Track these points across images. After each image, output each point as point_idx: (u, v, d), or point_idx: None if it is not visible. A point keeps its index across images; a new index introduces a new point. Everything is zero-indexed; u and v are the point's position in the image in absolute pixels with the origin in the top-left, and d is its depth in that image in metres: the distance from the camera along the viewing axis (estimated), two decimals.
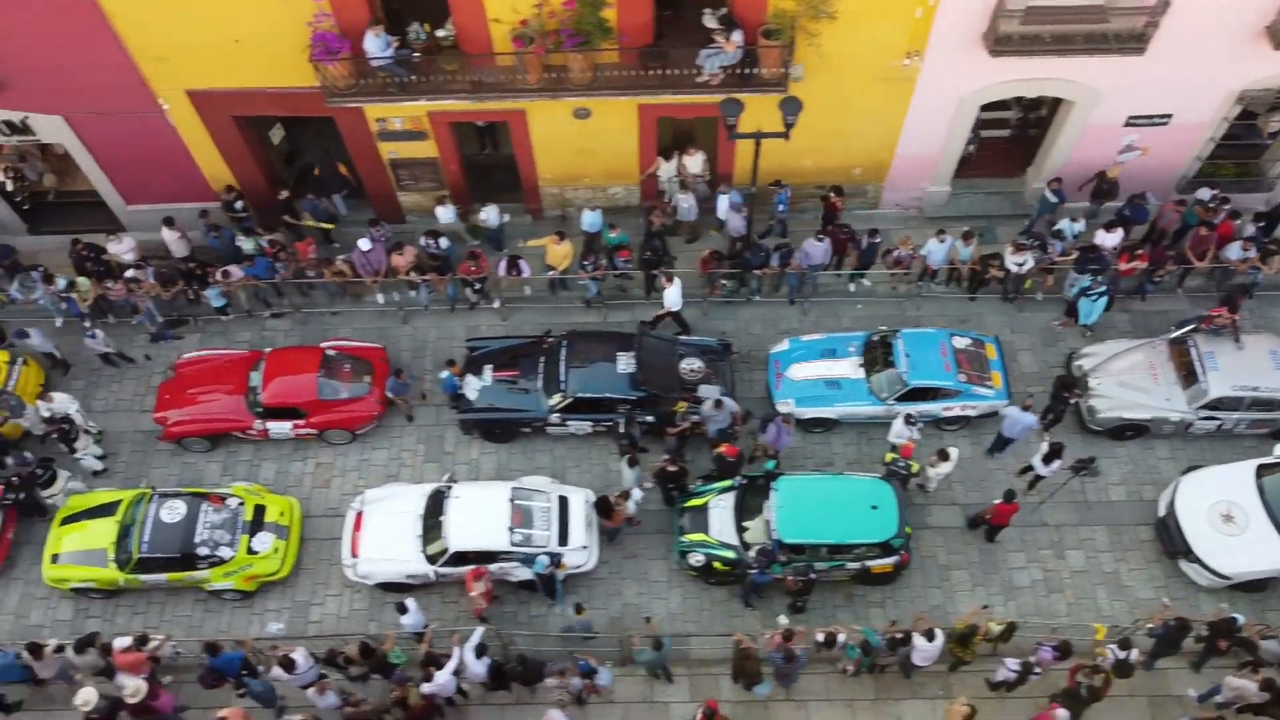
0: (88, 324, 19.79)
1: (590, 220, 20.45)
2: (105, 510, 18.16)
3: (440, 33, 17.63)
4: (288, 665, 15.83)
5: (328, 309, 21.14)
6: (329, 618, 18.12)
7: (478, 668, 15.94)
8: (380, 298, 21.02)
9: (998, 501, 17.36)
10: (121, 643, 16.21)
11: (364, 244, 19.76)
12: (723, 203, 20.44)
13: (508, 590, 17.99)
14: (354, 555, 17.81)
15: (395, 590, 17.97)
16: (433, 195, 21.12)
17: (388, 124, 19.16)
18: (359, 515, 18.16)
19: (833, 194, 20.24)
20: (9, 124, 19.08)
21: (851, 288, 20.99)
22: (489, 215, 20.51)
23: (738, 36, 16.93)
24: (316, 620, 18.10)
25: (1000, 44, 17.16)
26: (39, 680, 16.82)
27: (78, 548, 17.91)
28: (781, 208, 20.68)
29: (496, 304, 20.87)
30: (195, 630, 17.87)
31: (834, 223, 20.31)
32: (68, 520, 18.28)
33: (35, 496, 18.44)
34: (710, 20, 17.11)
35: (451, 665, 15.67)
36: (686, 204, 20.56)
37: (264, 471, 19.42)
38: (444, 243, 20.20)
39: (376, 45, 17.05)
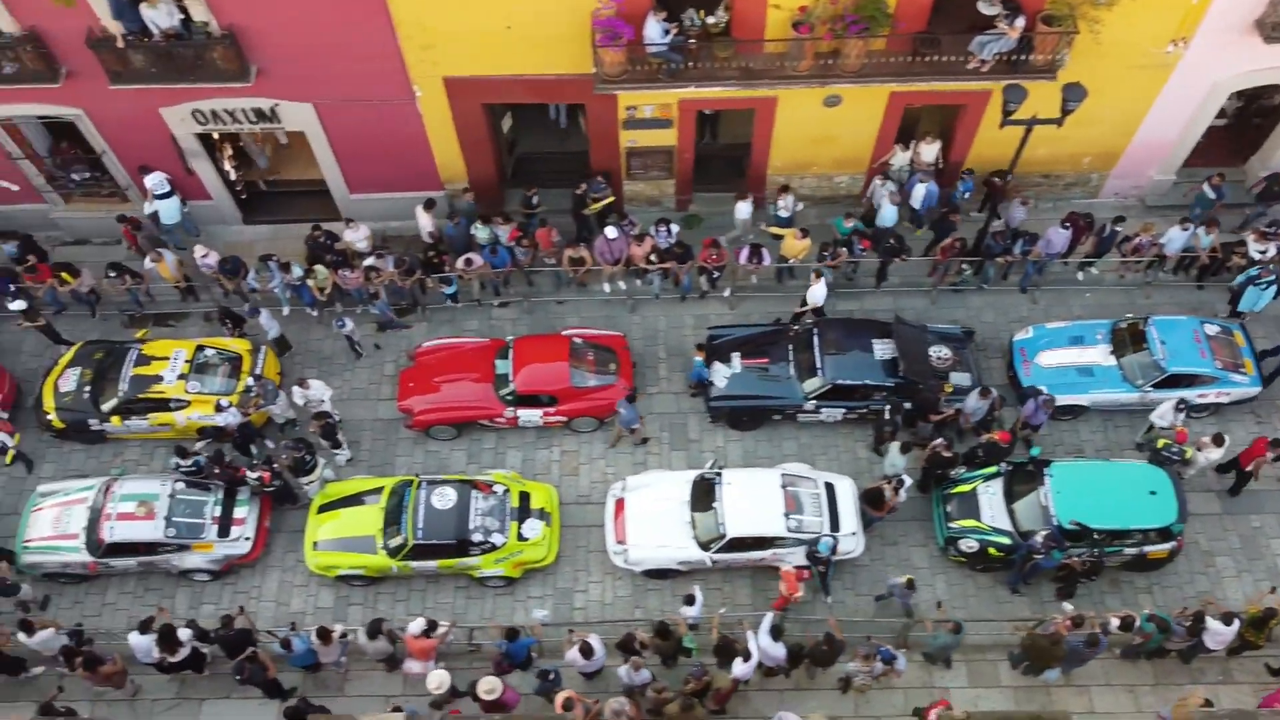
0: (340, 311, 20.02)
1: (743, 211, 20.63)
2: (366, 497, 18.18)
3: (711, 19, 17.62)
4: (587, 651, 15.82)
5: (554, 298, 21.14)
6: (593, 604, 18.11)
7: (776, 650, 15.94)
8: (607, 286, 21.01)
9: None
10: (416, 627, 16.19)
11: (611, 232, 19.76)
12: (919, 191, 20.46)
13: (771, 577, 17.99)
14: (620, 542, 17.82)
15: (657, 577, 18.01)
16: (655, 184, 21.17)
17: (637, 111, 19.16)
18: (620, 502, 18.17)
19: (996, 178, 20.12)
20: (259, 112, 19.06)
21: (1080, 276, 21.00)
22: (742, 210, 20.64)
23: (1021, 22, 16.94)
24: (580, 607, 18.08)
25: (1278, 30, 17.19)
26: (316, 666, 16.89)
27: (341, 535, 17.92)
28: (967, 196, 20.75)
29: (727, 293, 20.86)
30: (459, 618, 17.84)
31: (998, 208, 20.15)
32: (325, 508, 18.32)
33: (291, 484, 18.44)
34: (989, 6, 17.11)
35: (755, 648, 15.67)
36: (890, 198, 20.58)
37: (509, 459, 19.40)
38: (674, 229, 20.23)
39: (657, 31, 17.05)
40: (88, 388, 19.28)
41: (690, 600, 16.53)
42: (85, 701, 17.02)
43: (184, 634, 16.35)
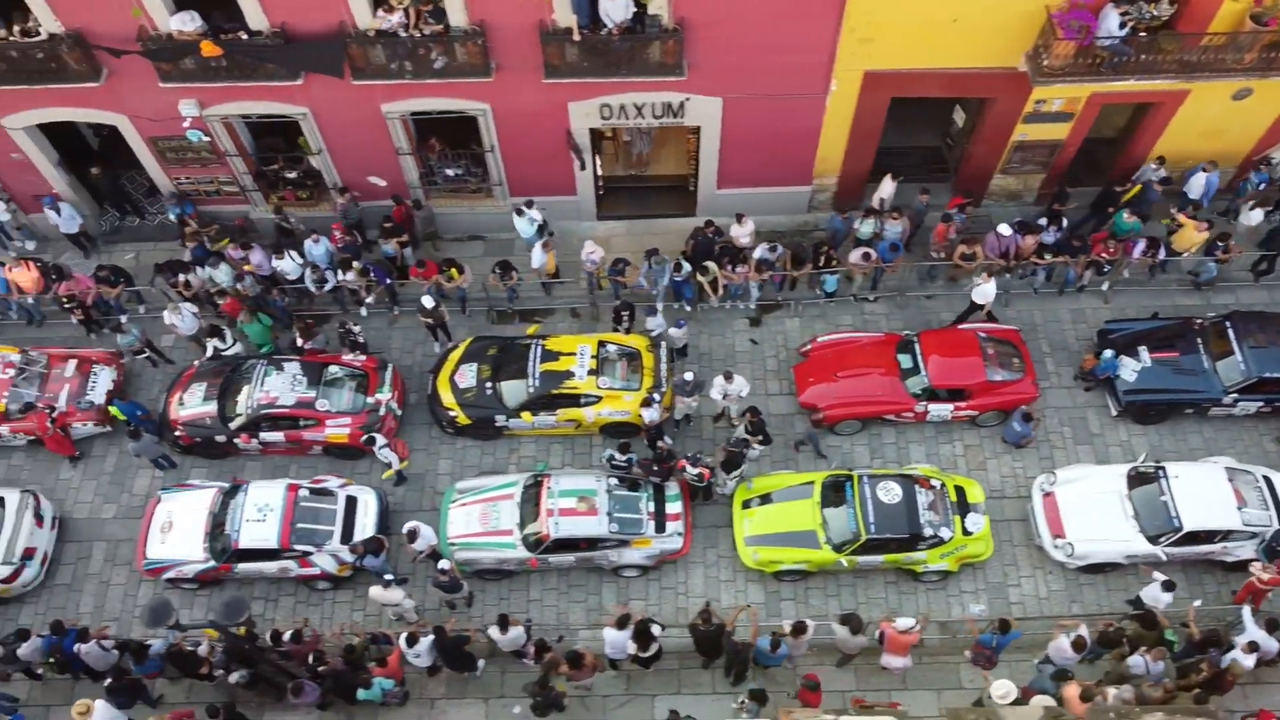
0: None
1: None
2: (794, 492, 18.12)
3: (1156, 11, 17.59)
4: (1079, 645, 15.77)
5: (923, 293, 21.10)
6: (1028, 599, 18.05)
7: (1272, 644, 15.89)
8: (978, 281, 20.96)
9: None
10: (905, 623, 16.11)
11: (1004, 229, 19.73)
12: (1198, 180, 20.27)
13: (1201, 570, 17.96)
14: (1057, 536, 17.77)
15: (1090, 571, 17.96)
16: (1022, 178, 21.15)
17: (1045, 105, 19.11)
18: (1049, 496, 18.12)
19: None
20: (667, 106, 19.01)
21: None
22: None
23: None
24: (1017, 602, 18.01)
25: None
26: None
27: (777, 529, 17.86)
28: (1263, 186, 20.66)
29: (1105, 286, 20.81)
30: (894, 611, 17.75)
31: None
32: (748, 504, 18.27)
33: (716, 480, 18.35)
34: None
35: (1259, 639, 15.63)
36: None
37: (912, 454, 19.35)
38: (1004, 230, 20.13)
39: (1114, 23, 17.02)
40: (488, 384, 19.22)
41: (1170, 585, 16.41)
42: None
43: (655, 629, 16.30)
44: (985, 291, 19.58)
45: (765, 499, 18.24)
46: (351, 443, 18.99)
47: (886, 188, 20.48)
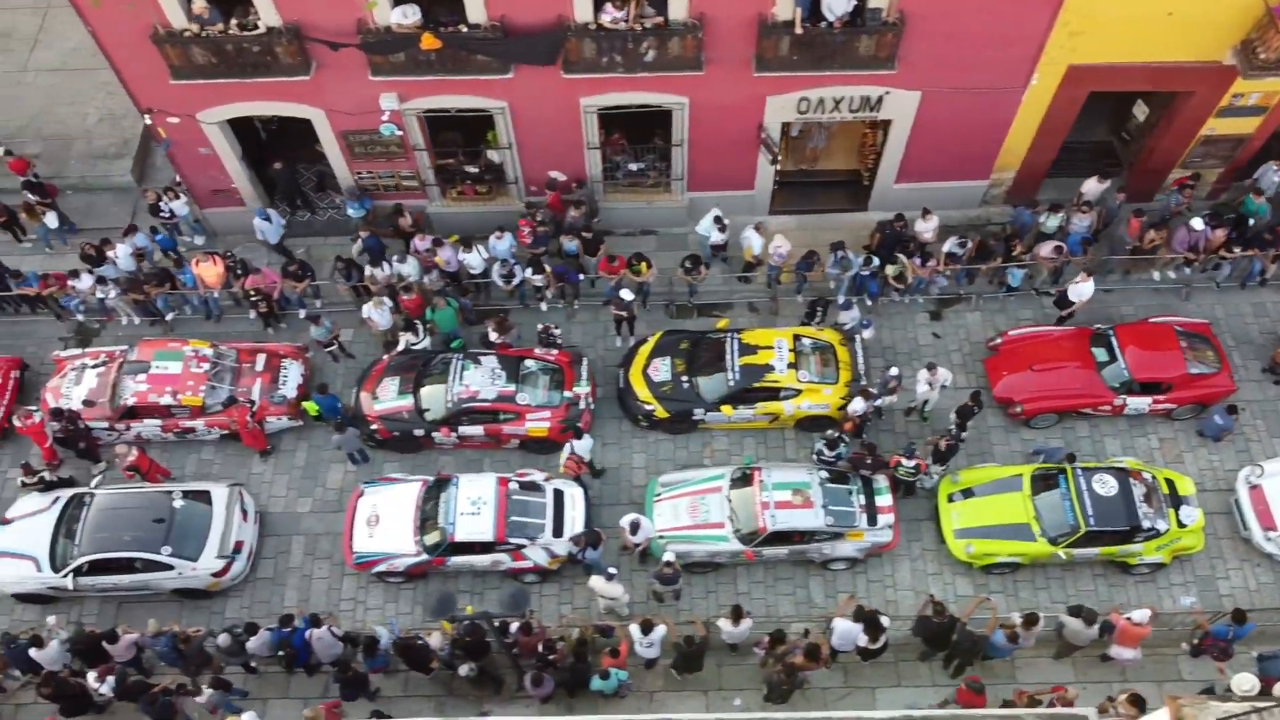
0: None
1: None
2: (1002, 485, 18.13)
3: None
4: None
5: (1102, 286, 21.05)
6: (1238, 591, 18.08)
7: None
8: (1155, 275, 21.04)
9: None
10: (1141, 615, 16.12)
11: (1196, 223, 19.77)
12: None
13: None
14: (1269, 529, 17.80)
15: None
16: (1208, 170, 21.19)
17: (1241, 99, 19.16)
18: (1255, 489, 18.15)
19: None
20: (864, 99, 19.03)
21: None
22: None
23: None
24: (1227, 594, 18.05)
25: None
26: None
27: (987, 522, 17.88)
28: None
29: None
30: (1105, 604, 17.75)
31: None
32: (953, 498, 18.29)
33: (907, 478, 18.33)
34: None
35: None
36: None
37: (1108, 447, 19.37)
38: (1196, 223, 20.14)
39: None
40: (684, 378, 19.23)
41: None
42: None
43: (884, 621, 16.34)
44: (1081, 291, 19.58)
45: (968, 493, 18.27)
46: (551, 436, 19.00)
47: (1091, 187, 20.50)
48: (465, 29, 17.32)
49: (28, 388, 20.37)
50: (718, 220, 20.32)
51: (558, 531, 17.80)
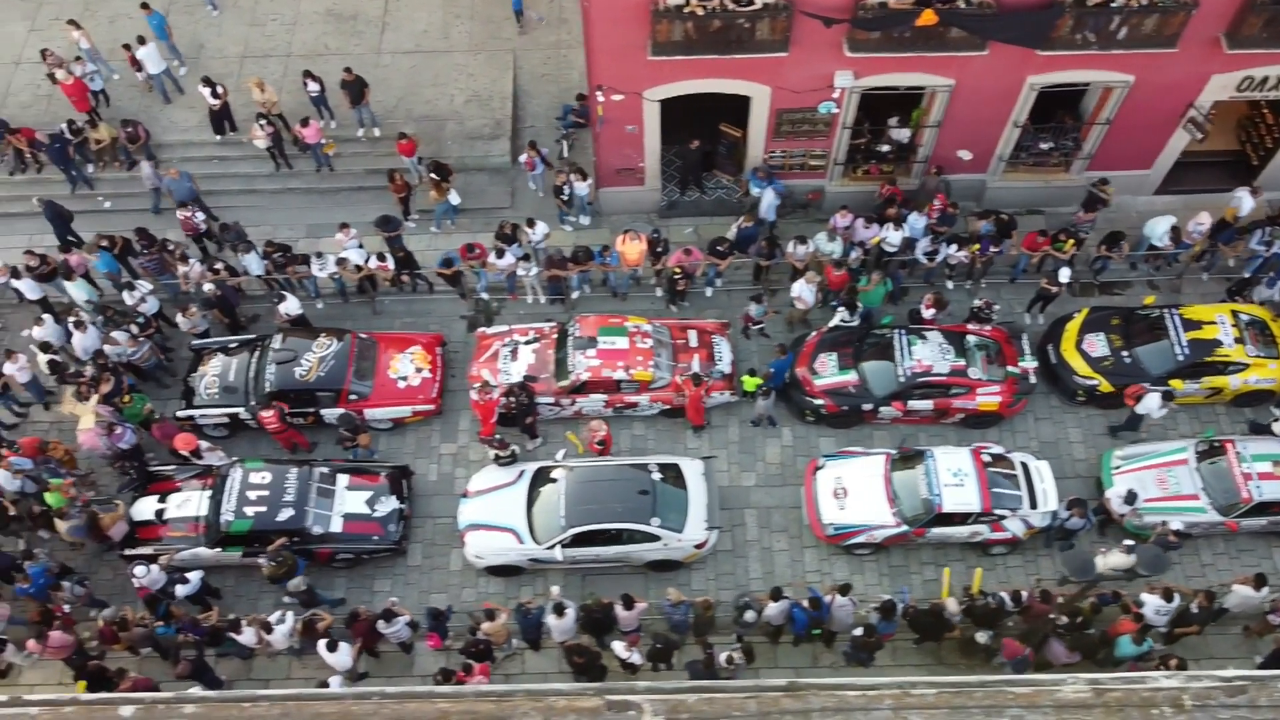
0: None
1: None
2: None
3: None
4: None
5: None
6: None
7: None
8: None
9: None
10: None
11: None
12: None
13: None
14: None
15: None
16: None
17: None
18: None
19: None
20: None
21: None
22: None
23: None
24: None
25: None
26: None
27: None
28: None
29: None
30: None
31: None
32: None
33: None
34: None
35: None
36: None
37: None
38: None
39: None
40: (1124, 352, 19.46)
41: None
42: None
43: None
44: None
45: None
46: (1000, 411, 19.21)
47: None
48: (963, 5, 17.51)
49: (447, 365, 20.54)
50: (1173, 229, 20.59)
51: (1032, 503, 18.01)
